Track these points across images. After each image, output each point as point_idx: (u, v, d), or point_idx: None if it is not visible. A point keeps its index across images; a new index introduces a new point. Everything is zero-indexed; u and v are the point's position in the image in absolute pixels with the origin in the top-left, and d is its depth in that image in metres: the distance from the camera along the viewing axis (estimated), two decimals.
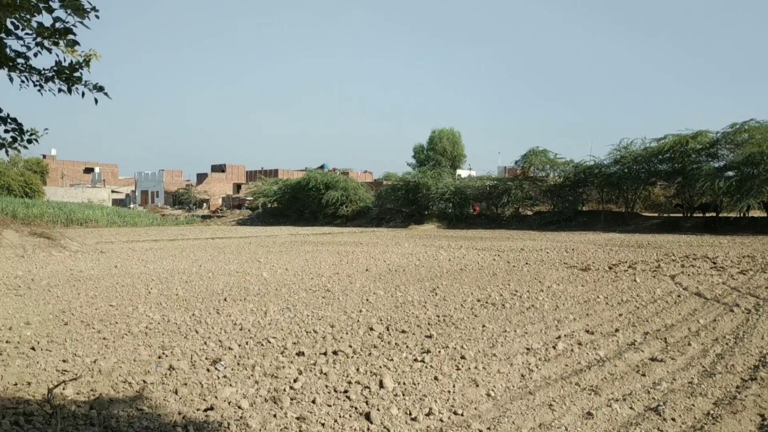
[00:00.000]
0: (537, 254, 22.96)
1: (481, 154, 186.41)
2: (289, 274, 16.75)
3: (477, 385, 6.54)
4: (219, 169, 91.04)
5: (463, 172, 71.91)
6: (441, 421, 5.57)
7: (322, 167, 78.19)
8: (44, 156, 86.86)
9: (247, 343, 8.44)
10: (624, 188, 46.60)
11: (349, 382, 6.62)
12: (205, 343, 8.48)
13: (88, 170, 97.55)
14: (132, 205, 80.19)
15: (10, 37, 2.93)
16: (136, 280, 15.32)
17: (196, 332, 9.16)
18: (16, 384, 6.67)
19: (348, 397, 6.15)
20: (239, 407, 5.84)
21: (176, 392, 6.31)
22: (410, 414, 5.70)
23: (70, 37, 3.02)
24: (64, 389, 6.29)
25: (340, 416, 5.65)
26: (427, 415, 5.67)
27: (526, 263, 19.58)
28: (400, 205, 56.84)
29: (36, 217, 44.95)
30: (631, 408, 5.91)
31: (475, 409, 5.87)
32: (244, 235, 39.25)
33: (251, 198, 69.69)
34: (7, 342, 8.57)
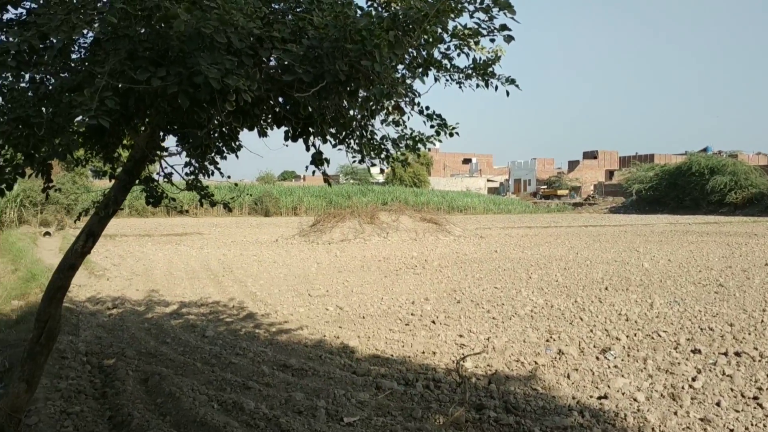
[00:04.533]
0: None
1: None
2: (672, 265, 15.70)
3: None
4: (591, 155, 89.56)
5: None
6: None
7: (705, 150, 71.52)
8: (429, 149, 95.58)
9: (635, 334, 8.15)
10: None
11: (760, 389, 5.93)
12: (591, 330, 8.42)
13: (466, 161, 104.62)
14: (507, 194, 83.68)
15: (452, 40, 3.29)
16: (516, 265, 15.95)
17: (581, 319, 9.16)
18: (423, 352, 7.48)
19: (759, 405, 5.51)
20: (634, 399, 5.66)
21: (568, 377, 6.39)
22: None
23: (505, 32, 3.24)
24: (464, 362, 6.85)
25: (751, 424, 5.09)
26: None
27: None
28: None
29: (423, 205, 49.81)
30: None
31: None
32: (618, 223, 38.04)
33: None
34: (412, 315, 9.67)
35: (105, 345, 7.61)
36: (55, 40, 2.92)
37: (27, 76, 3.31)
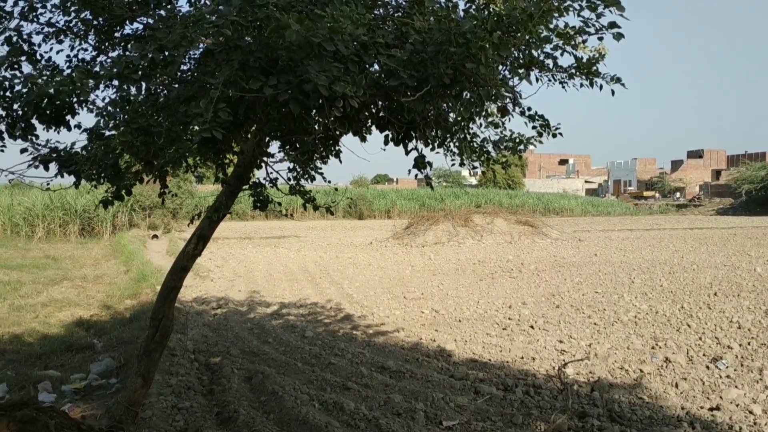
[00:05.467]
0: None
1: None
2: None
3: None
4: (696, 155, 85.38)
5: None
6: None
7: None
8: (525, 150, 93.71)
9: (749, 343, 7.71)
10: None
11: None
12: (700, 338, 8.03)
13: (563, 162, 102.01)
14: (606, 195, 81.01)
15: (555, 39, 3.23)
16: (617, 269, 15.42)
17: (688, 326, 8.75)
18: (522, 357, 7.37)
19: None
20: (750, 412, 5.36)
21: (676, 386, 6.13)
22: None
23: (615, 30, 3.15)
24: (565, 368, 6.69)
25: None
26: None
27: None
28: None
29: (518, 207, 48.95)
30: None
31: None
32: (727, 226, 36.08)
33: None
34: (509, 319, 9.53)
35: (211, 344, 7.94)
36: (167, 54, 3.08)
37: (143, 88, 3.51)
